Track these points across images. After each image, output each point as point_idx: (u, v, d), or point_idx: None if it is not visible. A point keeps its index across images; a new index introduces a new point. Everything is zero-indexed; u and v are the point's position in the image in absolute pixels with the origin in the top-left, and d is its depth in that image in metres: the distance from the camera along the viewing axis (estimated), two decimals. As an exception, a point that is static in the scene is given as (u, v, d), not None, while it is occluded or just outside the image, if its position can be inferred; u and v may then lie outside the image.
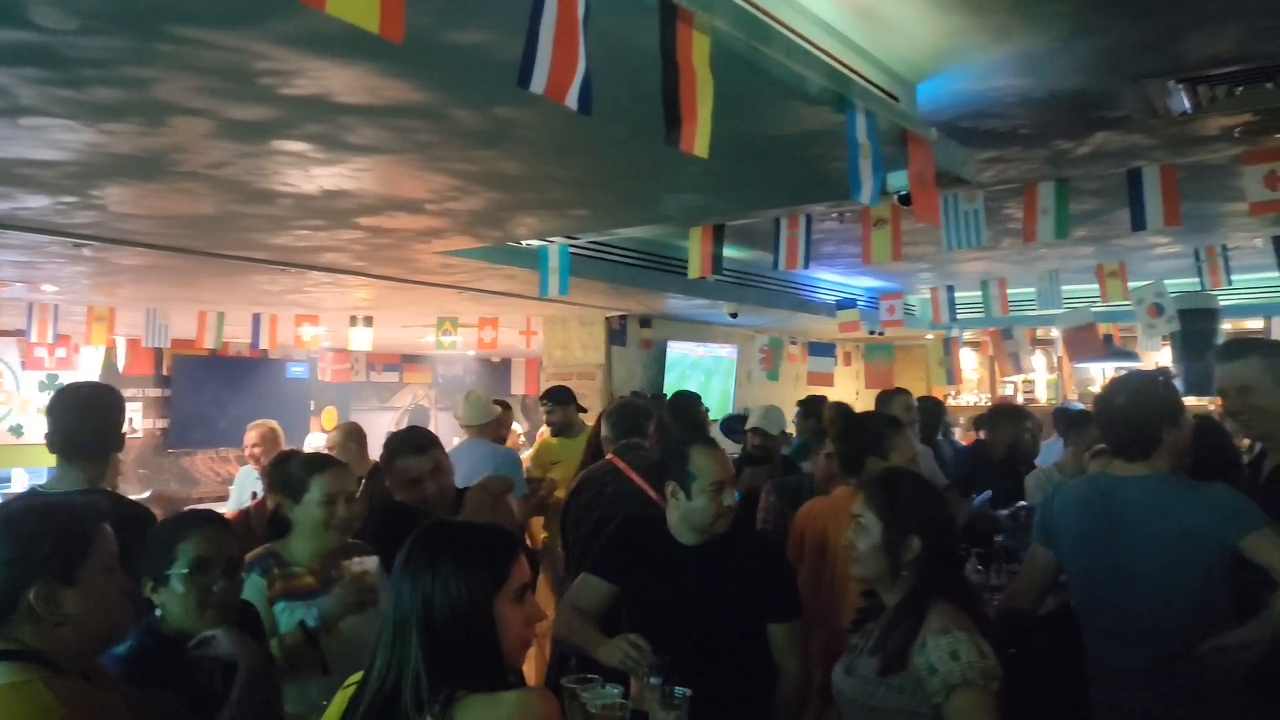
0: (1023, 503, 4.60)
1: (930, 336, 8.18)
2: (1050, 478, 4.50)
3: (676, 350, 8.24)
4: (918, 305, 8.22)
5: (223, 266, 5.16)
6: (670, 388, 7.95)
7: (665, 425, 5.84)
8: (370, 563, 2.62)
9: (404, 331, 9.27)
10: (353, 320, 7.71)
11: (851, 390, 9.42)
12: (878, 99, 2.64)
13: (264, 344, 7.72)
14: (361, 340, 7.86)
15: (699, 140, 1.90)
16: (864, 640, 2.18)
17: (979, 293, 6.73)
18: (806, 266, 4.65)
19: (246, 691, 1.98)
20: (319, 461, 2.70)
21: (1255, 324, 7.83)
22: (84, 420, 2.66)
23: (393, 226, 4.24)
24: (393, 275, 5.66)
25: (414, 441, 3.03)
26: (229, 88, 2.41)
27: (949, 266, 7.01)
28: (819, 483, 3.91)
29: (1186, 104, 3.26)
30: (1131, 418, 2.53)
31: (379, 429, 6.06)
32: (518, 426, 7.72)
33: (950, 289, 6.94)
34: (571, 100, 1.58)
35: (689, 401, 6.01)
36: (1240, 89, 3.10)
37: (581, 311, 7.51)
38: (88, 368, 8.70)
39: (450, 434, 11.48)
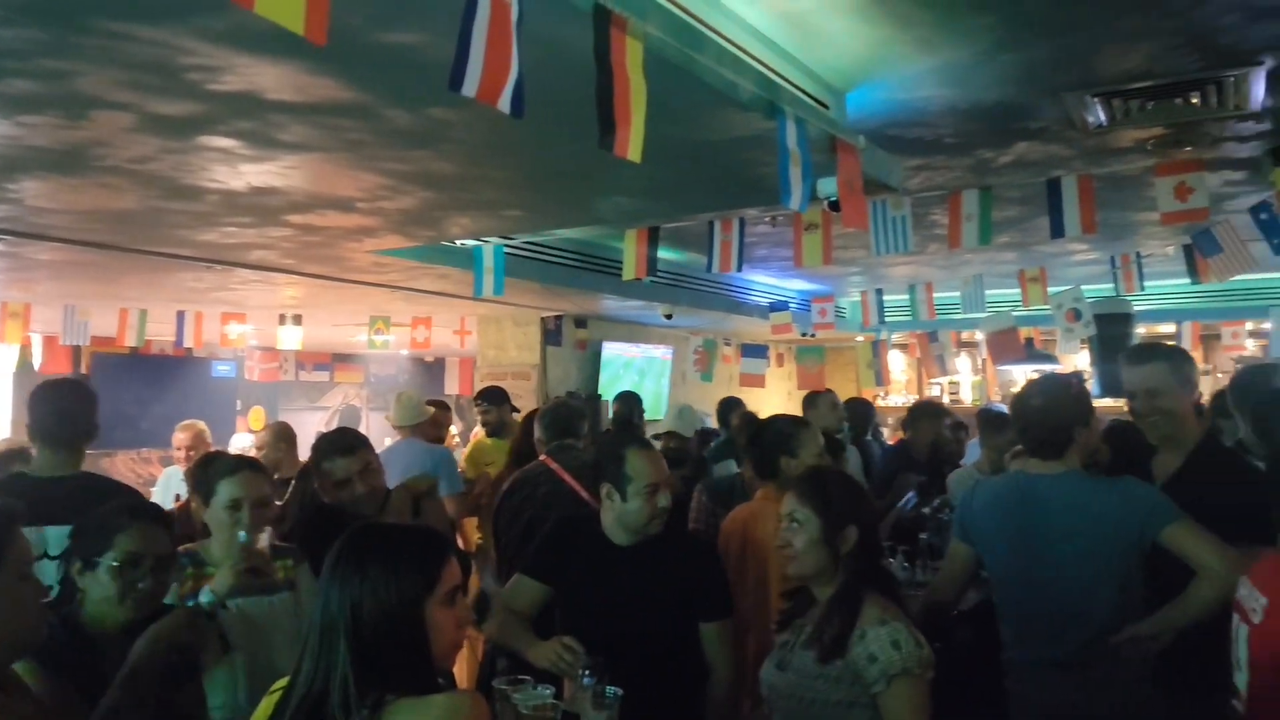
0: (935, 503, 4.72)
1: (860, 339, 8.35)
2: (970, 477, 4.62)
3: (611, 351, 8.26)
4: (848, 308, 8.37)
5: (146, 263, 5.02)
6: (605, 388, 7.98)
7: (628, 423, 5.88)
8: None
9: (335, 330, 9.12)
10: (282, 319, 7.57)
11: (784, 391, 9.56)
12: (808, 107, 2.70)
13: (188, 342, 7.52)
14: (291, 339, 7.71)
15: (632, 145, 1.92)
16: (795, 636, 2.22)
17: (907, 296, 6.89)
18: (739, 269, 4.71)
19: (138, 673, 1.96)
20: (229, 465, 2.65)
21: (1168, 328, 8.15)
22: (68, 409, 2.84)
23: (323, 224, 4.18)
24: (323, 273, 5.58)
25: (342, 442, 2.99)
26: (154, 82, 2.36)
27: (879, 270, 7.16)
28: (750, 485, 3.97)
29: (1102, 117, 3.39)
30: (1047, 419, 2.63)
31: (309, 429, 5.97)
32: (453, 428, 7.66)
33: (879, 292, 7.09)
34: (504, 104, 1.59)
35: (632, 401, 6.06)
36: (1151, 104, 3.24)
37: (516, 311, 7.48)
38: (1, 365, 8.38)
39: (383, 434, 11.33)
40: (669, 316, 7.41)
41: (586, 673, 2.30)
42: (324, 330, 9.01)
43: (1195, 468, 2.70)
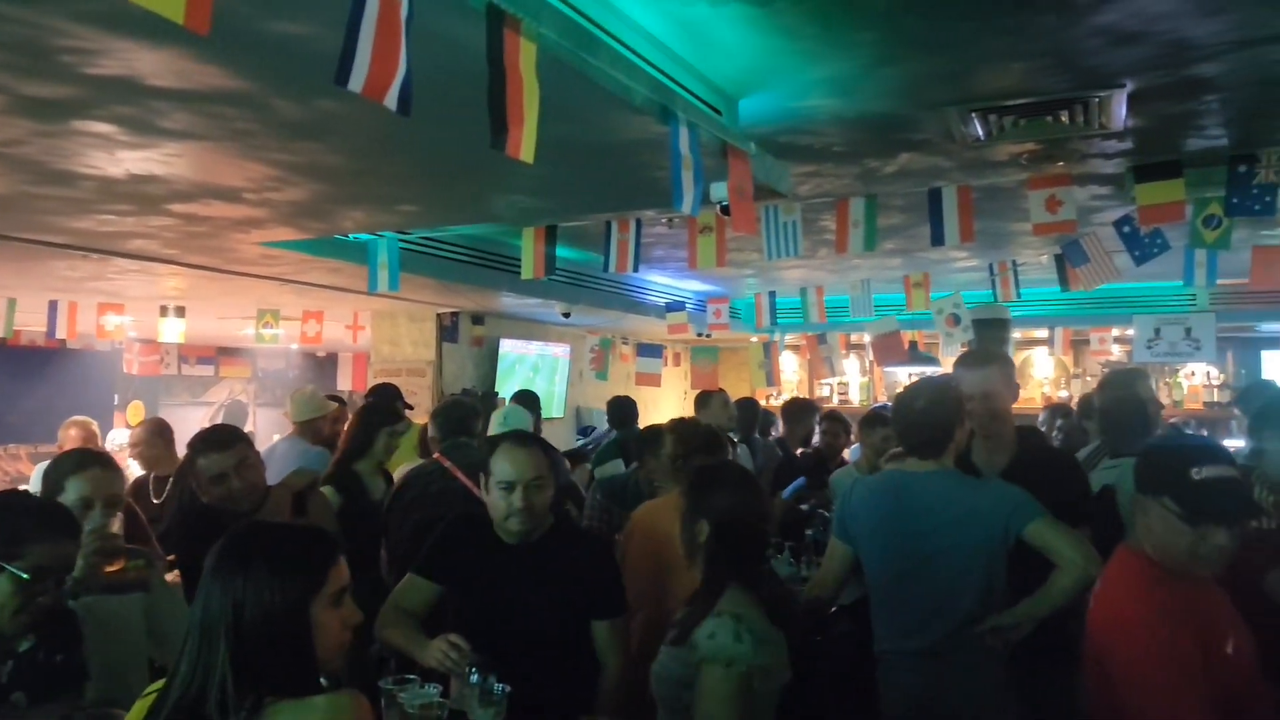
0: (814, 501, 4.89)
1: (755, 339, 8.52)
2: (850, 475, 4.80)
3: (508, 348, 8.22)
4: (743, 309, 8.53)
5: (14, 250, 4.77)
6: (501, 385, 7.94)
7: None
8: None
9: (221, 323, 8.81)
10: (163, 310, 7.27)
11: (680, 391, 9.68)
12: (700, 113, 2.76)
13: (61, 333, 7.15)
14: (172, 331, 7.41)
15: (525, 146, 1.94)
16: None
17: (800, 298, 7.08)
18: (636, 270, 4.76)
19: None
20: (76, 461, 2.55)
21: (1041, 333, 8.60)
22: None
23: (208, 214, 4.05)
24: (208, 265, 5.39)
25: (217, 438, 2.92)
26: (25, 63, 2.25)
27: (772, 273, 7.32)
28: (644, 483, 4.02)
29: (979, 131, 3.55)
30: (928, 420, 2.77)
31: (192, 425, 5.74)
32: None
33: (772, 294, 7.26)
34: (391, 101, 1.59)
35: (530, 401, 6.04)
36: (1024, 121, 3.41)
37: (411, 307, 7.38)
38: None
39: (272, 430, 11.01)
40: (567, 315, 7.42)
41: (474, 671, 2.31)
42: (209, 323, 8.69)
43: (1022, 463, 2.94)
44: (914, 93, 3.20)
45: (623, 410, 6.23)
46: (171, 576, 2.95)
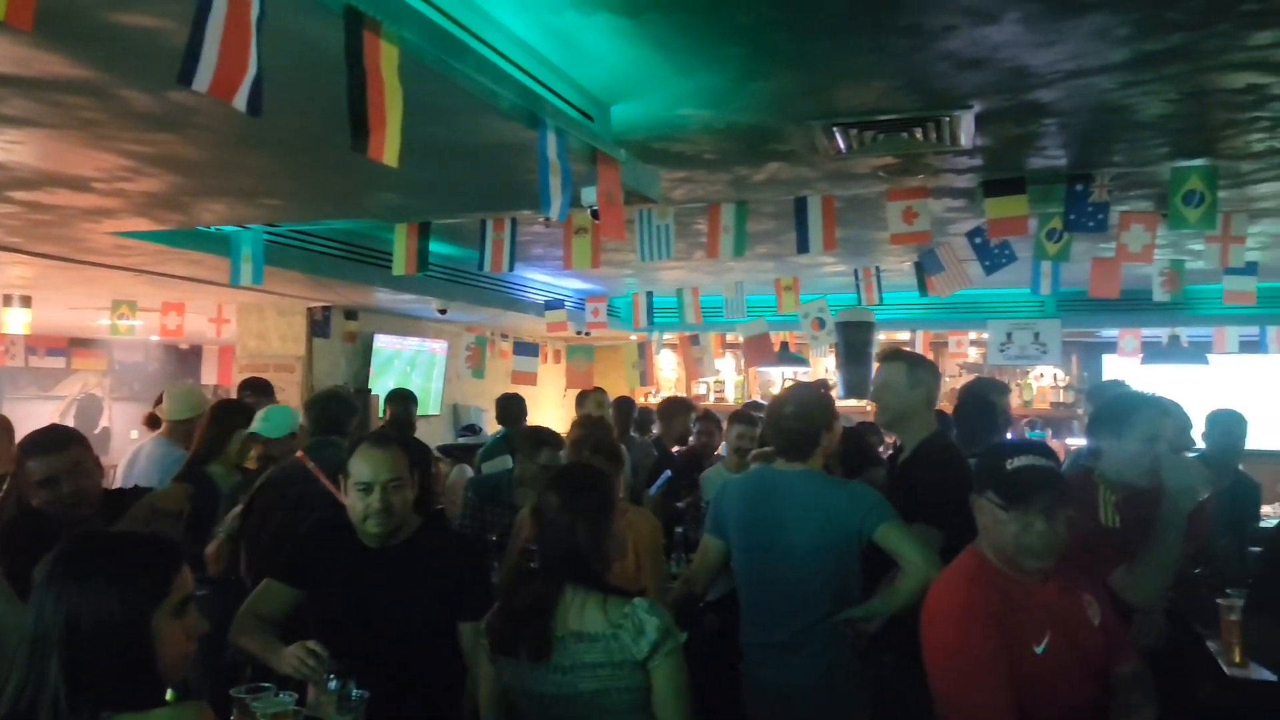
0: (688, 499, 5.00)
1: (634, 338, 8.61)
2: (720, 474, 4.94)
3: (383, 343, 8.05)
4: (622, 308, 8.60)
5: None
6: (375, 382, 7.78)
7: (405, 424, 5.71)
8: None
9: (72, 314, 8.32)
10: (6, 299, 6.83)
11: (558, 389, 9.68)
12: (570, 119, 2.78)
13: (-113, 323, 6.64)
14: (17, 322, 6.97)
15: (388, 149, 1.93)
16: None
17: (677, 298, 7.19)
18: (511, 269, 4.76)
19: None
20: None
21: (904, 335, 8.98)
22: None
23: (54, 203, 3.83)
24: (56, 254, 5.09)
25: (48, 439, 2.77)
26: None
27: (650, 273, 7.41)
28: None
29: (841, 145, 3.69)
30: (799, 425, 2.91)
31: (41, 421, 5.40)
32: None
33: (650, 294, 7.35)
34: (240, 101, 1.56)
35: (403, 399, 5.95)
36: (881, 136, 3.57)
37: (280, 300, 7.14)
38: None
39: (129, 426, 10.47)
40: (443, 312, 7.33)
41: (332, 677, 2.29)
42: (59, 313, 8.20)
43: (917, 456, 3.10)
44: (780, 106, 3.31)
45: (511, 408, 6.21)
46: None
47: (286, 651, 2.40)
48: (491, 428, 7.19)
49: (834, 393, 5.44)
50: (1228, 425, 4.65)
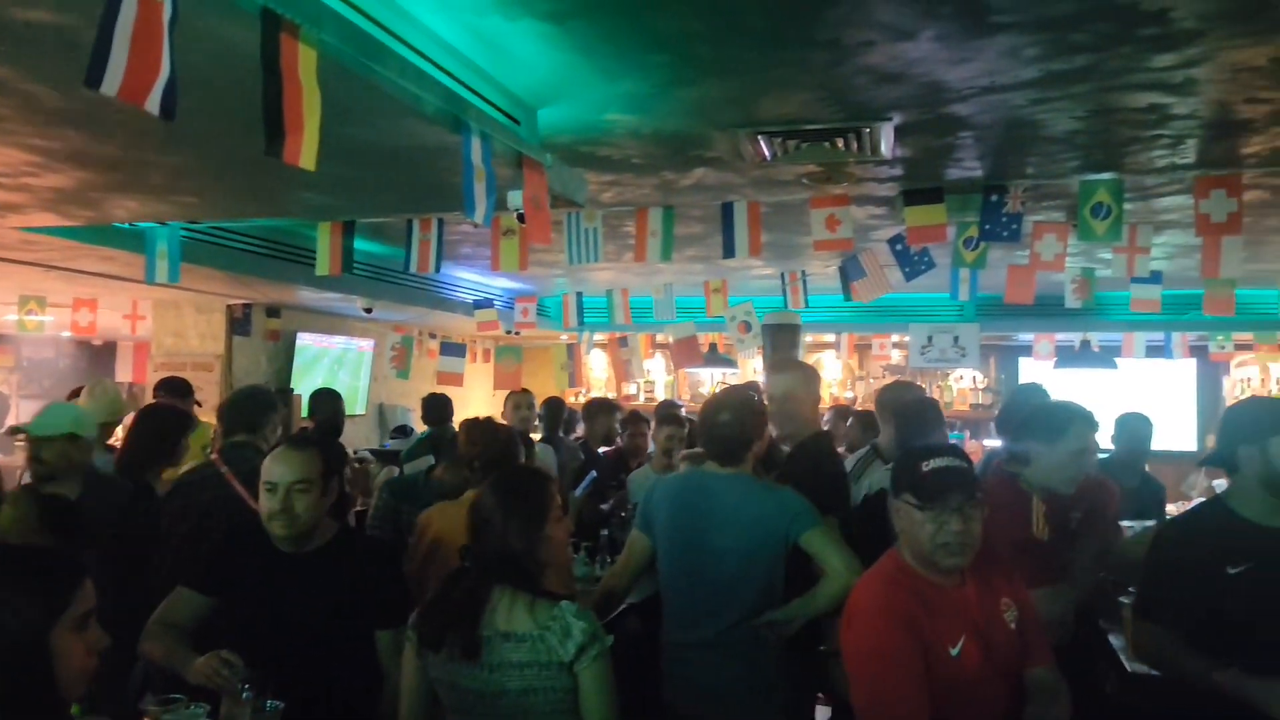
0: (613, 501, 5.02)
1: (565, 337, 8.59)
2: (647, 475, 4.98)
3: (307, 341, 7.90)
4: (552, 307, 8.59)
5: None
6: (298, 381, 7.63)
7: (334, 427, 5.56)
8: None
9: (-23, 309, 7.99)
10: (-97, 294, 6.53)
11: (487, 388, 9.60)
12: (496, 123, 2.77)
13: None
14: (-84, 318, 6.67)
15: (305, 153, 1.90)
16: None
17: (607, 298, 7.21)
18: (438, 270, 4.72)
19: None
20: None
21: (830, 337, 9.15)
22: None
23: (-45, 196, 3.68)
24: (-42, 248, 4.89)
25: None
26: None
27: (580, 273, 7.41)
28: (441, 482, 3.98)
29: (767, 152, 3.75)
30: (730, 432, 2.96)
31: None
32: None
33: (579, 295, 7.36)
34: (152, 105, 1.52)
35: (328, 399, 5.82)
36: (805, 145, 3.64)
37: (198, 297, 6.96)
38: None
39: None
40: (369, 311, 7.22)
41: (245, 687, 2.25)
42: (-39, 308, 7.87)
43: (797, 455, 3.24)
44: (705, 113, 3.35)
45: (437, 407, 6.15)
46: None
47: (198, 661, 2.35)
48: (422, 427, 7.11)
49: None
50: (1135, 428, 4.83)
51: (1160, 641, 2.53)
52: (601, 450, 6.13)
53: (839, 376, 9.68)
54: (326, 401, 5.83)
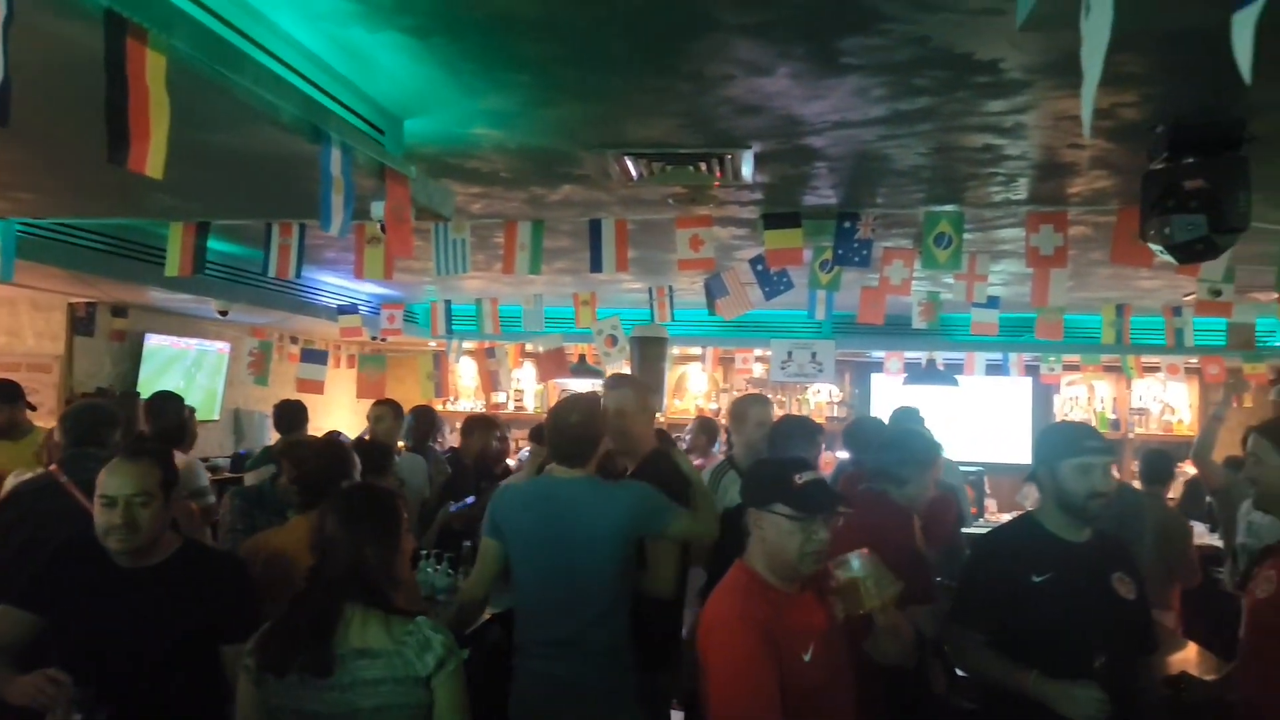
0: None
1: (433, 344, 8.48)
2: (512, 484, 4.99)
3: (158, 343, 7.53)
4: (420, 313, 8.46)
5: None
6: (147, 384, 7.26)
7: (178, 432, 5.25)
8: None
9: None
10: None
11: (349, 397, 9.36)
12: (358, 133, 2.75)
13: None
14: None
15: (151, 160, 1.85)
16: None
17: (476, 306, 7.16)
18: (298, 276, 4.60)
19: None
20: None
21: (696, 350, 9.35)
22: None
23: None
24: None
25: None
26: None
27: (450, 281, 7.34)
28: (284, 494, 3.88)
29: (634, 172, 3.84)
30: (580, 434, 3.01)
31: None
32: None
33: (449, 302, 7.29)
34: (-18, 109, 1.46)
35: (169, 404, 5.53)
36: (670, 167, 3.74)
37: (36, 295, 6.54)
38: None
39: None
40: (224, 313, 6.95)
41: (76, 707, 2.16)
42: None
43: (640, 472, 3.30)
44: (571, 133, 3.41)
45: (290, 416, 5.96)
46: None
47: (23, 680, 2.24)
48: (275, 435, 6.87)
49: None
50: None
51: (970, 645, 2.71)
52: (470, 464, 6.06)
53: (704, 389, 9.90)
54: (167, 406, 5.53)
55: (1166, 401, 9.35)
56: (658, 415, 3.89)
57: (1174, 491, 8.36)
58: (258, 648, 2.18)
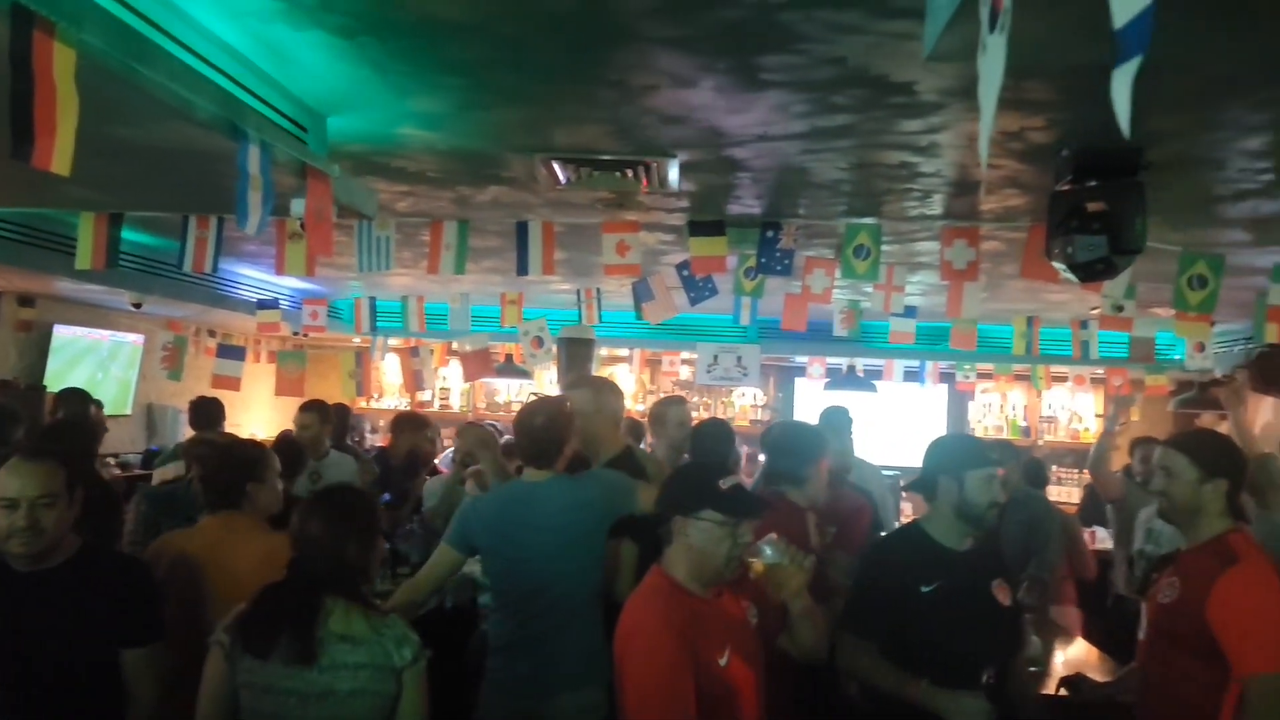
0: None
1: (358, 340, 8.35)
2: (440, 483, 4.99)
3: (67, 334, 7.27)
4: (345, 309, 8.33)
5: None
6: (57, 377, 7.00)
7: (81, 427, 5.04)
8: None
9: None
10: None
11: (267, 394, 9.16)
12: (278, 131, 2.71)
13: None
14: None
15: (57, 158, 1.81)
16: None
17: (402, 304, 7.08)
18: (215, 270, 4.50)
19: None
20: None
21: (623, 351, 9.39)
22: None
23: None
24: None
25: None
26: None
27: (375, 277, 7.23)
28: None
29: (562, 177, 3.85)
30: (548, 435, 3.08)
31: None
32: None
33: (373, 299, 7.20)
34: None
35: (74, 398, 5.34)
36: (597, 173, 3.77)
37: (-67, 282, 6.27)
38: None
39: None
40: (138, 306, 6.74)
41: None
42: None
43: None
44: (500, 136, 3.41)
45: (205, 413, 5.81)
46: None
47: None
48: (189, 431, 6.68)
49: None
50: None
51: (860, 654, 2.75)
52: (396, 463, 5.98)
53: (632, 389, 9.95)
54: (74, 402, 5.35)
55: (1074, 410, 9.71)
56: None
57: (1075, 497, 8.73)
58: (237, 629, 2.22)
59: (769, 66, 2.61)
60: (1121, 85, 1.03)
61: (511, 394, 10.14)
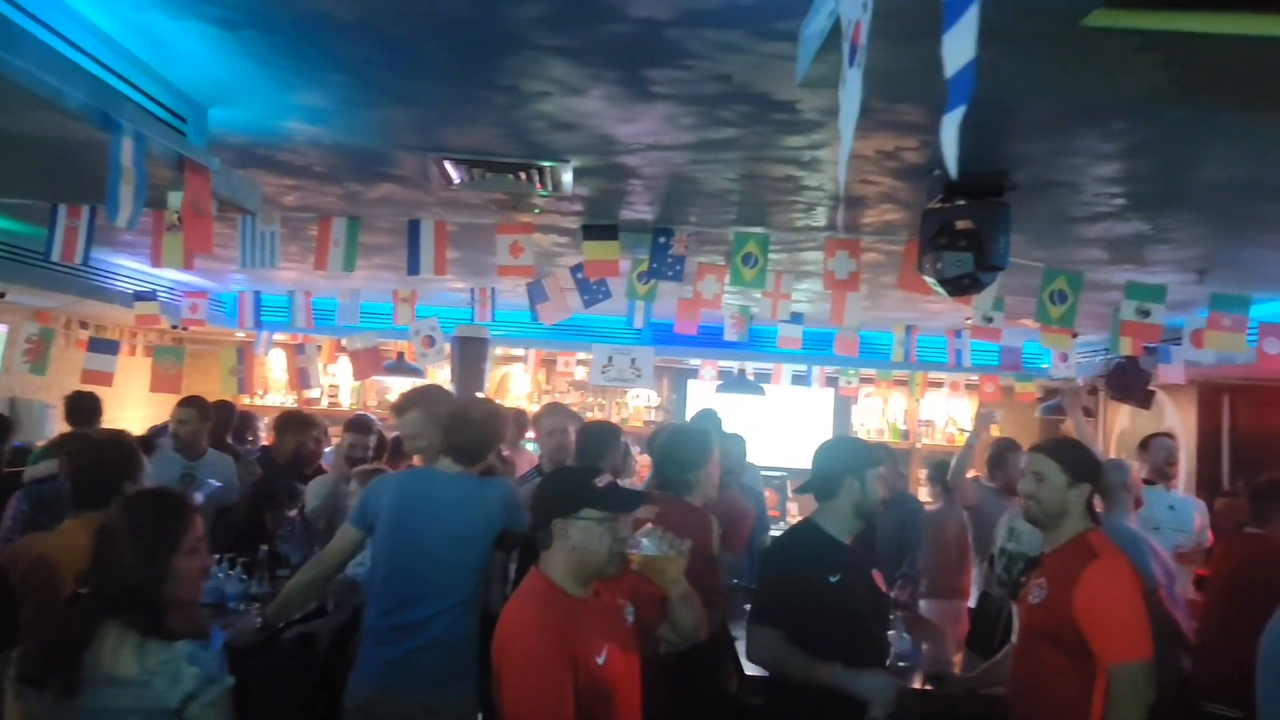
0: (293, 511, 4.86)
1: (240, 335, 8.07)
2: (325, 483, 4.91)
3: (-80, 324, 6.82)
4: (228, 302, 8.06)
5: None
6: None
7: None
8: None
9: None
10: None
11: (142, 390, 8.78)
12: (153, 122, 2.63)
13: None
14: None
15: (-91, 144, 1.73)
16: None
17: (288, 298, 6.89)
18: (85, 261, 4.31)
19: None
20: None
21: (519, 351, 9.36)
22: None
23: None
24: None
25: None
26: None
27: (261, 270, 7.02)
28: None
29: (455, 177, 3.84)
30: (481, 433, 3.26)
31: None
32: None
33: (258, 294, 6.99)
34: None
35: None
36: (490, 174, 3.77)
37: None
38: None
39: None
40: (1, 295, 6.38)
41: None
42: None
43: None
44: (389, 134, 3.38)
45: (82, 409, 5.55)
46: None
47: None
48: (62, 426, 6.35)
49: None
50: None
51: (773, 643, 2.88)
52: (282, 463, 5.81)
53: (527, 390, 9.92)
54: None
55: (950, 415, 10.15)
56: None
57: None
58: (20, 659, 2.08)
59: (658, 80, 2.68)
60: (950, 129, 1.11)
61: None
